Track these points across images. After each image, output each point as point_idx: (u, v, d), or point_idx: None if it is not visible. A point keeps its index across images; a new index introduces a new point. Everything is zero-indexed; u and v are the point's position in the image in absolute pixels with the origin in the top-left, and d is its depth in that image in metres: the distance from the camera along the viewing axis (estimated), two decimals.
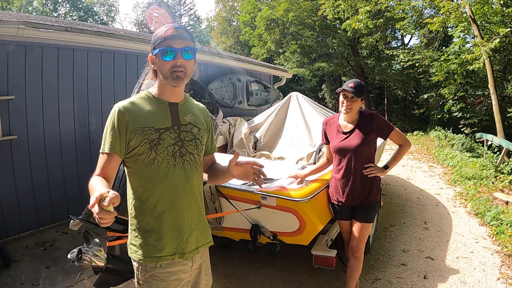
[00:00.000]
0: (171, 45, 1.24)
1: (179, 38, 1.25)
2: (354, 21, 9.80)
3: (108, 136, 1.24)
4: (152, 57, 1.31)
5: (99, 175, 1.21)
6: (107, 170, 1.23)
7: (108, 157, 1.23)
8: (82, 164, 4.07)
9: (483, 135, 8.73)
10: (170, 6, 33.89)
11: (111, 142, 1.23)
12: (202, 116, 1.44)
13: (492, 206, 4.51)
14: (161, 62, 1.26)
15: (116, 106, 1.27)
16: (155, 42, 1.27)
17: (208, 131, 1.46)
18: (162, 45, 1.25)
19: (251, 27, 20.23)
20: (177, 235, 1.30)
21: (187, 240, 1.32)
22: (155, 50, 1.27)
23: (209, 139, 1.48)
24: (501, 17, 8.91)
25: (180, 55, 1.25)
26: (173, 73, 1.26)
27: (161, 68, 1.28)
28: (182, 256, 1.31)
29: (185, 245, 1.32)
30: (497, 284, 2.81)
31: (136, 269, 1.31)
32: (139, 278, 1.30)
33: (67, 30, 3.69)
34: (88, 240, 2.11)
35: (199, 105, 1.49)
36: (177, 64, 1.25)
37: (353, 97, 2.16)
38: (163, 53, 1.25)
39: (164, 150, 1.27)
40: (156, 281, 1.28)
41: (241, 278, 2.90)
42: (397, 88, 18.78)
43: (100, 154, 1.25)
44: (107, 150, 1.23)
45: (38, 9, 26.17)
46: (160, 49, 1.25)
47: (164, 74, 1.28)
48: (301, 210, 2.13)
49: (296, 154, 3.93)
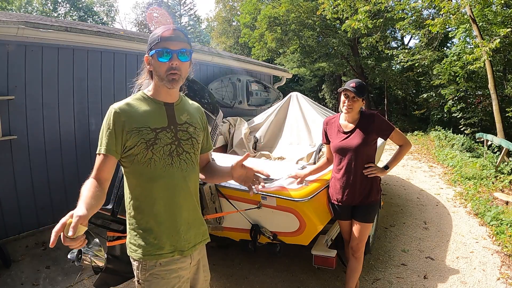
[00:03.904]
0: (167, 47, 1.25)
1: (175, 39, 1.26)
2: (354, 21, 9.80)
3: (104, 137, 1.25)
4: (148, 58, 1.31)
5: (95, 177, 1.23)
6: (103, 171, 1.24)
7: (104, 158, 1.24)
8: (82, 164, 4.07)
9: (483, 135, 8.73)
10: (170, 6, 33.86)
11: (107, 143, 1.24)
12: (197, 115, 1.46)
13: (492, 206, 4.51)
14: (157, 63, 1.27)
15: (112, 107, 1.28)
16: (152, 43, 1.28)
17: (204, 129, 1.47)
18: (158, 46, 1.25)
19: (251, 28, 20.21)
20: (175, 233, 1.31)
21: (185, 237, 1.34)
22: (151, 51, 1.27)
23: (205, 137, 1.49)
24: (502, 18, 8.91)
25: (176, 56, 1.26)
26: (168, 75, 1.26)
27: (157, 69, 1.28)
28: (181, 253, 1.32)
29: (183, 242, 1.33)
30: (497, 284, 2.81)
31: (136, 268, 1.31)
32: (139, 277, 1.31)
33: (67, 30, 3.69)
34: (88, 240, 2.11)
35: (194, 104, 1.50)
36: (172, 65, 1.26)
37: (354, 96, 2.16)
38: (159, 55, 1.25)
39: (160, 149, 1.28)
40: (156, 279, 1.29)
41: (241, 278, 2.90)
42: (397, 88, 18.79)
43: (96, 155, 1.26)
44: (103, 151, 1.24)
45: (38, 9, 26.16)
46: (156, 50, 1.25)
47: (159, 75, 1.28)
48: (301, 210, 2.13)
49: (296, 154, 3.93)
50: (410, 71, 16.38)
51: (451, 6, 8.05)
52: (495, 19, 9.03)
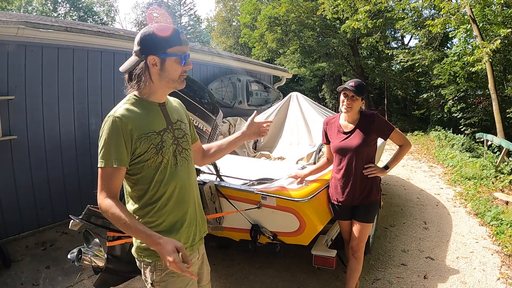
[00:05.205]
0: (186, 51, 1.27)
1: (188, 43, 1.30)
2: (354, 21, 9.80)
3: (113, 148, 1.18)
4: (156, 59, 1.23)
5: (110, 196, 1.18)
6: (115, 186, 1.20)
7: (116, 171, 1.19)
8: (82, 164, 4.07)
9: (483, 135, 8.72)
10: (170, 6, 33.87)
11: (118, 155, 1.18)
12: (182, 109, 1.47)
13: (492, 206, 4.51)
14: (175, 67, 1.25)
15: (113, 116, 1.20)
16: (167, 46, 1.22)
17: (189, 122, 1.49)
18: (181, 51, 1.25)
19: (251, 28, 20.21)
20: (187, 230, 1.34)
21: (194, 232, 1.37)
22: (168, 54, 1.22)
23: (192, 129, 1.51)
24: (502, 18, 8.91)
25: (189, 60, 1.29)
26: (181, 76, 1.29)
27: (172, 72, 1.26)
28: (191, 249, 1.36)
29: (193, 237, 1.37)
30: (497, 284, 2.81)
31: (150, 270, 1.30)
32: (153, 279, 1.30)
33: (67, 30, 3.69)
34: (88, 240, 2.11)
35: (175, 100, 1.50)
36: (187, 69, 1.29)
37: (353, 96, 2.16)
38: (183, 59, 1.26)
39: (167, 151, 1.28)
40: (173, 277, 1.30)
41: (241, 278, 2.90)
42: (397, 88, 18.80)
43: (101, 169, 1.19)
44: (116, 164, 1.18)
45: (38, 9, 26.15)
46: (180, 55, 1.25)
47: (172, 78, 1.27)
48: (301, 210, 2.13)
49: (296, 154, 3.92)
50: (410, 71, 16.39)
51: (451, 6, 8.04)
52: (495, 19, 9.03)
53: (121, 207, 1.16)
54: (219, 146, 1.65)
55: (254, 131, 1.69)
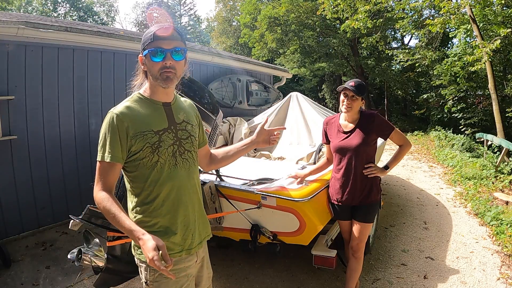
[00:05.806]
0: (160, 46, 1.22)
1: (168, 38, 1.24)
2: (353, 21, 9.80)
3: (108, 144, 1.21)
4: (142, 58, 1.29)
5: (105, 189, 1.21)
6: (110, 181, 1.22)
7: (110, 166, 1.21)
8: (82, 164, 4.07)
9: (483, 135, 8.72)
10: (170, 6, 33.87)
11: (112, 150, 1.21)
12: (192, 112, 1.46)
13: (492, 206, 4.51)
14: (150, 63, 1.25)
15: (112, 112, 1.24)
16: (145, 43, 1.25)
17: (199, 125, 1.48)
18: (151, 46, 1.23)
19: (251, 28, 20.21)
20: (183, 232, 1.32)
21: (192, 235, 1.35)
22: (145, 50, 1.25)
23: (201, 133, 1.50)
24: (502, 18, 8.91)
25: (170, 55, 1.24)
26: (162, 73, 1.24)
27: (151, 69, 1.26)
28: (188, 252, 1.33)
29: (191, 241, 1.34)
30: (497, 284, 2.81)
31: (144, 269, 1.31)
32: (147, 278, 1.30)
33: (67, 30, 3.69)
34: (88, 240, 2.11)
35: (187, 101, 1.50)
36: (166, 65, 1.24)
37: (353, 95, 2.16)
38: (152, 54, 1.23)
39: (165, 151, 1.27)
40: (165, 279, 1.28)
41: (241, 278, 2.90)
42: (397, 88, 18.80)
43: (98, 163, 1.23)
44: (109, 159, 1.21)
45: (38, 9, 26.15)
46: (150, 50, 1.23)
47: (153, 75, 1.27)
48: (301, 210, 2.13)
49: (296, 154, 3.92)
50: (410, 71, 16.39)
51: (451, 6, 8.04)
52: (495, 19, 9.03)
53: (112, 200, 1.18)
54: (226, 152, 1.62)
55: (264, 139, 1.63)
